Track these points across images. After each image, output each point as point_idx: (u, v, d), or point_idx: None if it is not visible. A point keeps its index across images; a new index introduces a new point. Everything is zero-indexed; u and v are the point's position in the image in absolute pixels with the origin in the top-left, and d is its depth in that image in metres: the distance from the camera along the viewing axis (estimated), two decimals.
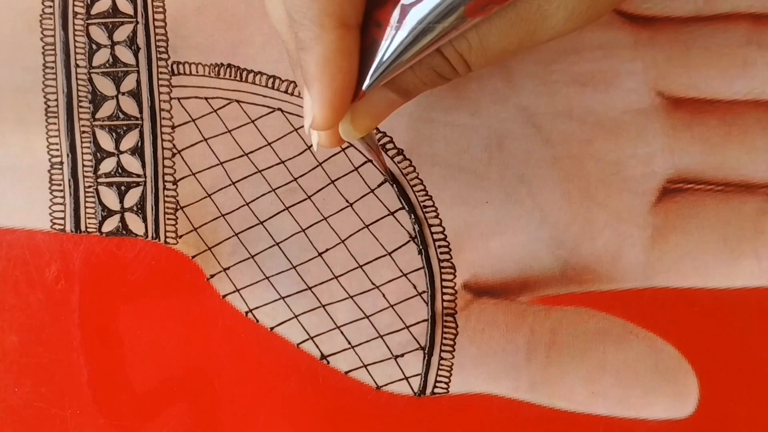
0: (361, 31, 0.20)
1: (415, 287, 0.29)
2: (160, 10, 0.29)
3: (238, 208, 0.30)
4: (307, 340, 0.30)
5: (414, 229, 0.29)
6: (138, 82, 0.29)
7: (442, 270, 0.29)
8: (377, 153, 0.26)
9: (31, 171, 0.30)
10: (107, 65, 0.29)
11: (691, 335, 0.29)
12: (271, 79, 0.29)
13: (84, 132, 0.30)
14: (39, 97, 0.29)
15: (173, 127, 0.29)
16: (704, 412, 0.29)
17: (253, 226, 0.30)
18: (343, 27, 0.20)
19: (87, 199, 0.30)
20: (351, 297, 0.29)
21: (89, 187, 0.30)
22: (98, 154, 0.30)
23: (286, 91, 0.29)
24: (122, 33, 0.29)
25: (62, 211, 0.30)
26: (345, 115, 0.22)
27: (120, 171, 0.30)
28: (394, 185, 0.29)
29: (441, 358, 0.29)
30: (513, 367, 0.29)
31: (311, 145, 0.29)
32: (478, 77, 0.28)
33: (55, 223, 0.30)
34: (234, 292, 0.30)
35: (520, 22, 0.20)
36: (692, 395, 0.29)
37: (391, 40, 0.20)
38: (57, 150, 0.30)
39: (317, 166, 0.29)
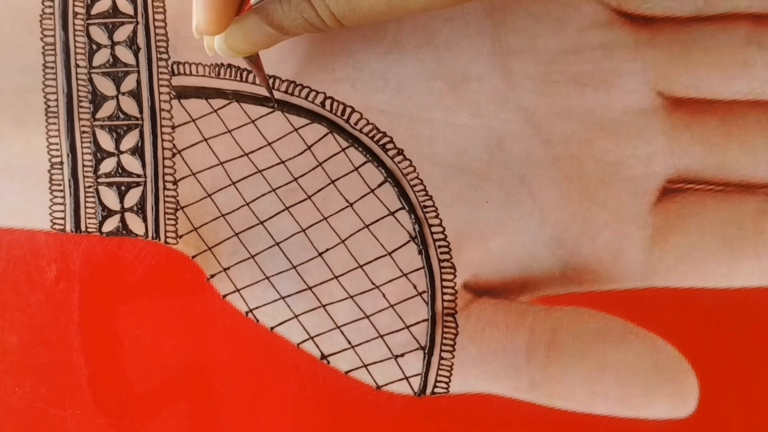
0: None
1: (415, 287, 0.29)
2: (161, 10, 0.29)
3: (238, 208, 0.30)
4: (307, 340, 0.30)
5: (414, 229, 0.29)
6: (138, 82, 0.29)
7: (442, 270, 0.29)
8: (260, 72, 0.27)
9: (31, 171, 0.30)
10: (107, 65, 0.29)
11: (691, 335, 0.29)
12: (271, 79, 0.29)
13: (84, 132, 0.30)
14: (39, 97, 0.29)
15: (173, 127, 0.29)
16: (704, 412, 0.29)
17: (253, 226, 0.30)
18: None
19: (87, 199, 0.30)
20: (351, 297, 0.29)
21: (89, 187, 0.30)
22: (98, 154, 0.30)
23: (286, 91, 0.29)
24: (122, 33, 0.29)
25: (62, 211, 0.30)
26: (220, 37, 0.24)
27: (120, 171, 0.30)
28: (394, 188, 0.29)
29: (441, 358, 0.29)
30: (513, 367, 0.29)
31: (311, 145, 0.29)
32: (479, 77, 0.28)
33: (55, 223, 0.30)
34: (234, 292, 0.30)
35: None
36: (692, 395, 0.29)
37: None
38: (57, 150, 0.30)
39: (317, 166, 0.29)
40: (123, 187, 0.30)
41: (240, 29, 0.24)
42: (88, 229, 0.30)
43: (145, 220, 0.30)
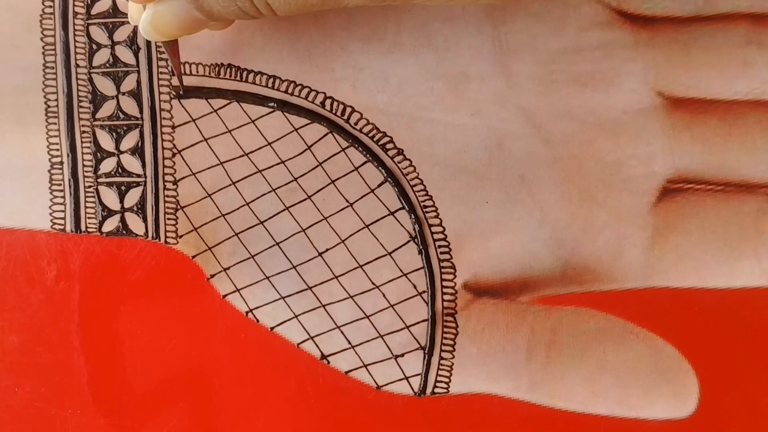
0: None
1: (415, 287, 0.29)
2: None
3: (238, 208, 0.30)
4: (307, 340, 0.30)
5: (414, 229, 0.29)
6: (138, 82, 0.29)
7: (442, 270, 0.29)
8: (176, 59, 0.27)
9: (31, 171, 0.30)
10: (107, 65, 0.29)
11: (691, 335, 0.29)
12: (271, 79, 0.29)
13: (84, 132, 0.30)
14: (39, 97, 0.29)
15: (173, 127, 0.29)
16: (704, 412, 0.29)
17: (253, 226, 0.30)
18: None
19: (87, 199, 0.30)
20: (351, 297, 0.29)
21: (89, 187, 0.30)
22: (98, 154, 0.30)
23: (286, 91, 0.29)
24: (122, 33, 0.29)
25: (62, 211, 0.30)
26: (145, 12, 0.23)
27: (120, 171, 0.30)
28: (394, 188, 0.29)
29: (441, 358, 0.29)
30: (513, 367, 0.29)
31: (311, 145, 0.29)
32: (479, 77, 0.28)
33: (55, 223, 0.30)
34: (234, 292, 0.30)
35: None
36: (692, 395, 0.29)
37: None
38: (57, 150, 0.30)
39: (317, 166, 0.29)
40: (123, 187, 0.30)
41: (168, 10, 0.23)
42: (88, 229, 0.30)
43: (145, 220, 0.30)
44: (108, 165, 0.30)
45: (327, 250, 0.29)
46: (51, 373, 0.30)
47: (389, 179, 0.29)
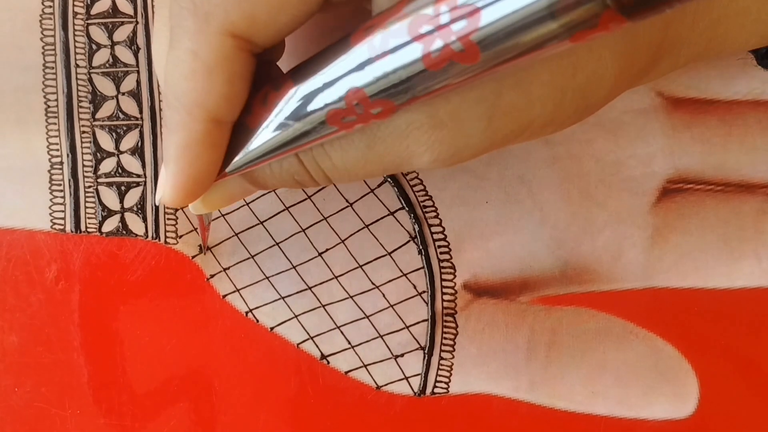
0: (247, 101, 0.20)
1: (415, 287, 0.29)
2: None
3: (238, 208, 0.30)
4: (307, 340, 0.30)
5: (414, 229, 0.29)
6: (138, 82, 0.29)
7: (442, 270, 0.29)
8: (205, 229, 0.27)
9: (31, 171, 0.30)
10: (107, 65, 0.29)
11: (691, 335, 0.29)
12: None
13: (84, 132, 0.30)
14: (39, 97, 0.29)
15: None
16: (704, 412, 0.29)
17: (253, 226, 0.30)
18: (212, 122, 0.19)
19: (87, 199, 0.30)
20: (351, 297, 0.29)
21: (89, 187, 0.30)
22: (98, 154, 0.30)
23: None
24: (122, 33, 0.29)
25: (62, 211, 0.30)
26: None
27: (120, 171, 0.30)
28: (394, 188, 0.29)
29: (441, 358, 0.29)
30: (513, 367, 0.29)
31: None
32: None
33: (55, 223, 0.30)
34: (234, 292, 0.30)
35: (386, 155, 0.20)
36: (692, 395, 0.29)
37: (259, 132, 0.20)
38: (57, 150, 0.30)
39: None
40: (123, 187, 0.30)
41: (222, 190, 0.23)
42: (88, 229, 0.30)
43: (145, 220, 0.30)
44: (108, 165, 0.30)
45: (327, 250, 0.29)
46: (51, 373, 0.30)
47: (389, 179, 0.29)
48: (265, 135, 0.20)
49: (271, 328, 0.30)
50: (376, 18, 0.18)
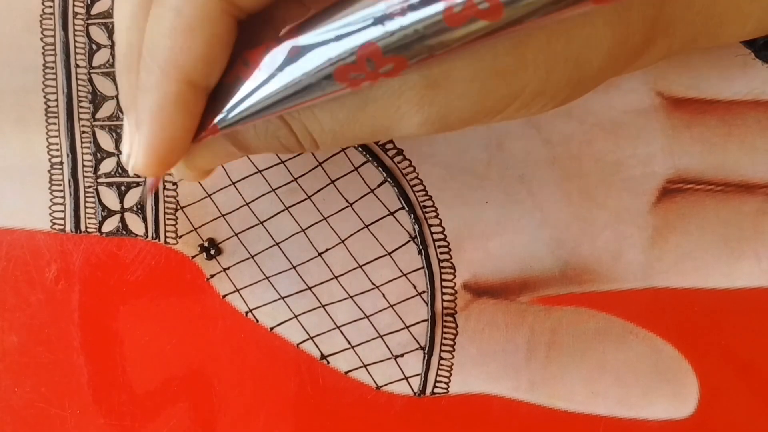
0: (227, 67, 0.19)
1: (415, 287, 0.29)
2: None
3: (238, 208, 0.30)
4: (307, 340, 0.30)
5: (414, 229, 0.29)
6: None
7: (442, 270, 0.29)
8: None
9: (31, 171, 0.30)
10: (107, 65, 0.29)
11: (691, 335, 0.29)
12: None
13: (84, 132, 0.30)
14: (39, 97, 0.29)
15: None
16: (704, 412, 0.29)
17: (253, 226, 0.30)
18: (188, 83, 0.19)
19: (87, 199, 0.30)
20: (351, 297, 0.29)
21: (89, 187, 0.30)
22: (98, 154, 0.30)
23: None
24: None
25: (62, 211, 0.30)
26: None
27: (120, 171, 0.30)
28: (394, 188, 0.29)
29: (441, 358, 0.29)
30: (513, 367, 0.29)
31: None
32: None
33: (55, 223, 0.30)
34: (234, 292, 0.30)
35: (376, 116, 0.19)
36: (692, 395, 0.29)
37: (257, 83, 0.19)
38: (57, 150, 0.30)
39: (317, 166, 0.29)
40: (123, 187, 0.30)
41: (206, 152, 0.22)
42: (88, 229, 0.30)
43: (144, 220, 0.30)
44: (108, 165, 0.30)
45: (327, 250, 0.29)
46: (51, 373, 0.30)
47: (389, 179, 0.29)
48: (263, 89, 0.19)
49: (271, 328, 0.30)
50: None
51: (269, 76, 0.19)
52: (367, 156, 0.29)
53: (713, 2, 0.21)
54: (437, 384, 0.29)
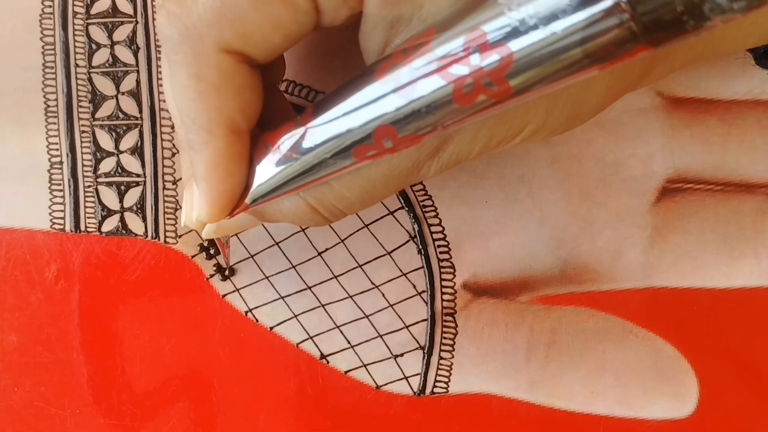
0: (254, 147, 0.21)
1: (414, 287, 0.29)
2: None
3: None
4: (307, 339, 0.30)
5: (413, 228, 0.29)
6: (138, 81, 0.29)
7: (442, 269, 0.29)
8: (224, 247, 0.27)
9: (31, 171, 0.30)
10: (107, 65, 0.29)
11: (691, 335, 0.29)
12: None
13: (84, 132, 0.30)
14: (39, 97, 0.29)
15: (173, 127, 0.29)
16: (704, 412, 0.29)
17: None
18: (233, 134, 0.20)
19: (87, 199, 0.30)
20: (350, 297, 0.29)
21: (89, 186, 0.30)
22: (98, 154, 0.30)
23: (286, 91, 0.29)
24: (122, 33, 0.29)
25: (62, 210, 0.30)
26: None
27: (120, 171, 0.30)
28: None
29: (440, 358, 0.29)
30: (513, 367, 0.29)
31: None
32: None
33: (55, 223, 0.30)
34: (234, 291, 0.30)
35: (399, 175, 0.21)
36: (692, 395, 0.29)
37: (279, 166, 0.20)
38: (57, 150, 0.30)
39: None
40: (123, 187, 0.30)
41: (231, 222, 0.23)
42: (88, 229, 0.30)
43: (144, 219, 0.30)
44: (107, 165, 0.30)
45: (326, 249, 0.29)
46: (51, 373, 0.30)
47: None
48: (285, 171, 0.20)
49: (271, 328, 0.30)
50: (400, 53, 0.18)
51: (288, 158, 0.20)
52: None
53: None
54: (437, 384, 0.29)
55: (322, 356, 0.30)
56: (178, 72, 0.19)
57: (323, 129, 0.19)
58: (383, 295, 0.29)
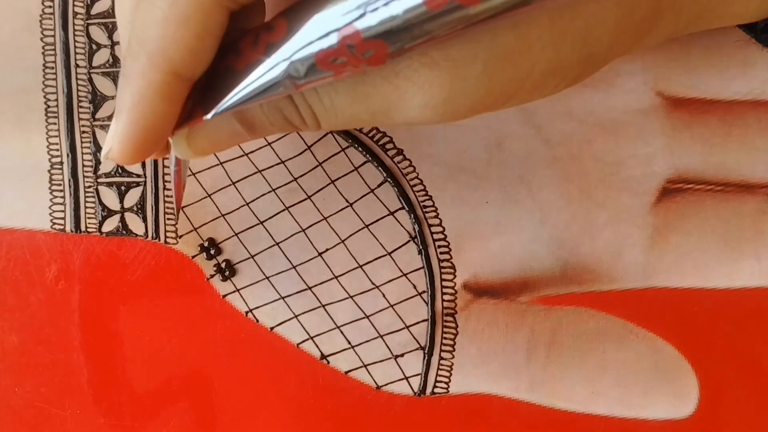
0: (217, 55, 0.19)
1: (415, 287, 0.29)
2: None
3: (238, 208, 0.30)
4: (307, 340, 0.30)
5: (414, 229, 0.29)
6: None
7: (442, 270, 0.29)
8: (180, 187, 0.25)
9: (31, 171, 0.30)
10: (107, 65, 0.29)
11: (691, 335, 0.29)
12: None
13: (84, 132, 0.30)
14: (39, 97, 0.29)
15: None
16: (704, 412, 0.29)
17: (253, 226, 0.30)
18: (173, 74, 0.19)
19: (87, 199, 0.30)
20: (351, 297, 0.29)
21: (89, 187, 0.30)
22: (98, 154, 0.30)
23: None
24: None
25: (62, 211, 0.30)
26: (181, 133, 0.21)
27: (120, 171, 0.30)
28: (394, 188, 0.29)
29: (441, 358, 0.29)
30: (513, 367, 0.29)
31: (311, 145, 0.29)
32: None
33: (55, 223, 0.30)
34: (234, 292, 0.30)
35: (375, 94, 0.19)
36: (692, 395, 0.29)
37: (249, 74, 0.19)
38: (57, 150, 0.30)
39: (317, 166, 0.29)
40: (123, 187, 0.30)
41: (209, 132, 0.21)
42: (88, 229, 0.30)
43: (145, 220, 0.30)
44: (108, 165, 0.30)
45: (327, 250, 0.29)
46: (51, 373, 0.30)
47: (389, 179, 0.29)
48: (255, 76, 0.19)
49: (271, 328, 0.30)
50: None
51: (258, 64, 0.19)
52: (367, 156, 0.29)
53: None
54: (437, 384, 0.29)
55: (323, 356, 0.30)
56: None
57: (291, 30, 0.18)
58: (384, 295, 0.29)
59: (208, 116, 0.20)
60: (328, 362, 0.30)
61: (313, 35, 0.17)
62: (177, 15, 0.18)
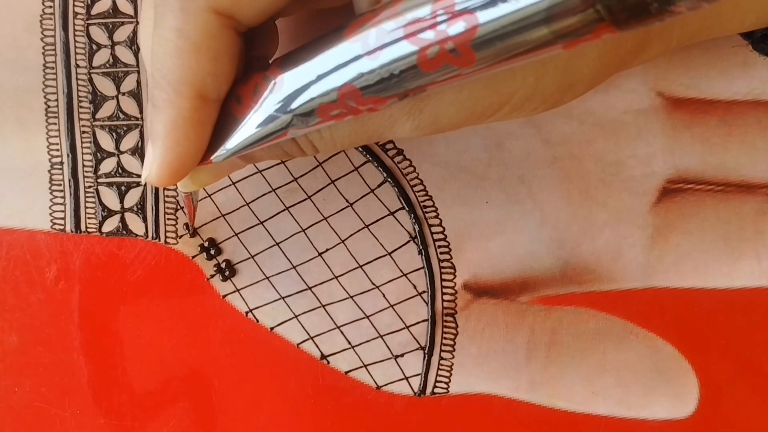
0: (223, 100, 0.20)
1: (415, 287, 0.29)
2: None
3: (238, 208, 0.30)
4: (307, 340, 0.30)
5: (414, 229, 0.29)
6: (138, 82, 0.29)
7: (442, 270, 0.29)
8: (192, 209, 0.27)
9: (31, 171, 0.30)
10: (107, 65, 0.29)
11: (691, 335, 0.29)
12: None
13: (84, 132, 0.30)
14: (39, 97, 0.29)
15: None
16: (704, 412, 0.29)
17: (253, 227, 0.30)
18: (199, 98, 0.19)
19: (87, 199, 0.30)
20: (351, 297, 0.29)
21: (89, 187, 0.30)
22: (98, 154, 0.30)
23: None
24: (122, 33, 0.29)
25: (62, 211, 0.30)
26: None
27: (120, 171, 0.30)
28: (394, 188, 0.29)
29: (441, 358, 0.29)
30: (513, 367, 0.29)
31: None
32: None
33: (55, 223, 0.30)
34: (234, 292, 0.30)
35: (371, 124, 0.20)
36: (692, 395, 0.29)
37: (251, 122, 0.20)
38: (57, 150, 0.30)
39: (317, 166, 0.29)
40: (123, 187, 0.30)
41: (211, 167, 0.22)
42: (88, 229, 0.30)
43: (145, 220, 0.30)
44: (108, 165, 0.30)
45: (327, 250, 0.29)
46: (51, 373, 0.30)
47: (389, 179, 0.29)
48: (254, 124, 0.20)
49: (271, 328, 0.30)
50: (370, 13, 0.18)
51: (259, 113, 0.19)
52: (367, 156, 0.29)
53: None
54: (437, 384, 0.29)
55: (323, 356, 0.30)
56: (162, 23, 0.19)
57: (291, 83, 0.19)
58: (384, 295, 0.29)
59: (217, 159, 0.21)
60: (328, 362, 0.30)
61: (313, 92, 0.18)
62: (187, 44, 0.19)
